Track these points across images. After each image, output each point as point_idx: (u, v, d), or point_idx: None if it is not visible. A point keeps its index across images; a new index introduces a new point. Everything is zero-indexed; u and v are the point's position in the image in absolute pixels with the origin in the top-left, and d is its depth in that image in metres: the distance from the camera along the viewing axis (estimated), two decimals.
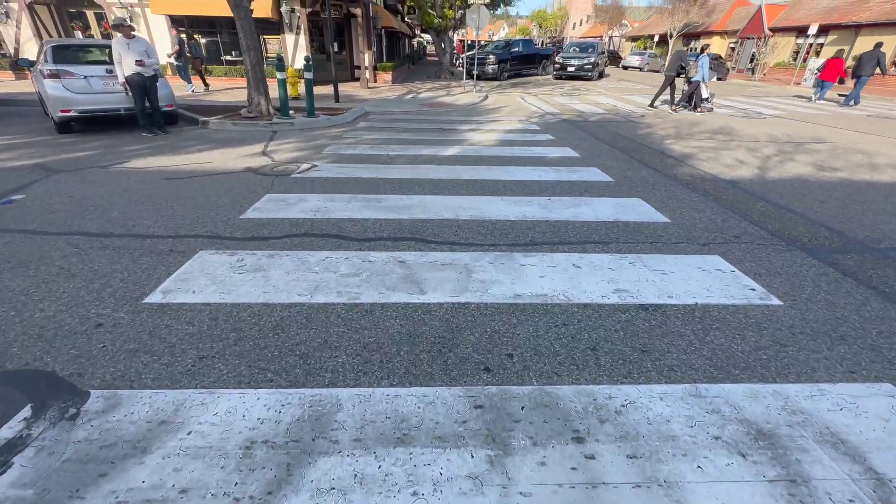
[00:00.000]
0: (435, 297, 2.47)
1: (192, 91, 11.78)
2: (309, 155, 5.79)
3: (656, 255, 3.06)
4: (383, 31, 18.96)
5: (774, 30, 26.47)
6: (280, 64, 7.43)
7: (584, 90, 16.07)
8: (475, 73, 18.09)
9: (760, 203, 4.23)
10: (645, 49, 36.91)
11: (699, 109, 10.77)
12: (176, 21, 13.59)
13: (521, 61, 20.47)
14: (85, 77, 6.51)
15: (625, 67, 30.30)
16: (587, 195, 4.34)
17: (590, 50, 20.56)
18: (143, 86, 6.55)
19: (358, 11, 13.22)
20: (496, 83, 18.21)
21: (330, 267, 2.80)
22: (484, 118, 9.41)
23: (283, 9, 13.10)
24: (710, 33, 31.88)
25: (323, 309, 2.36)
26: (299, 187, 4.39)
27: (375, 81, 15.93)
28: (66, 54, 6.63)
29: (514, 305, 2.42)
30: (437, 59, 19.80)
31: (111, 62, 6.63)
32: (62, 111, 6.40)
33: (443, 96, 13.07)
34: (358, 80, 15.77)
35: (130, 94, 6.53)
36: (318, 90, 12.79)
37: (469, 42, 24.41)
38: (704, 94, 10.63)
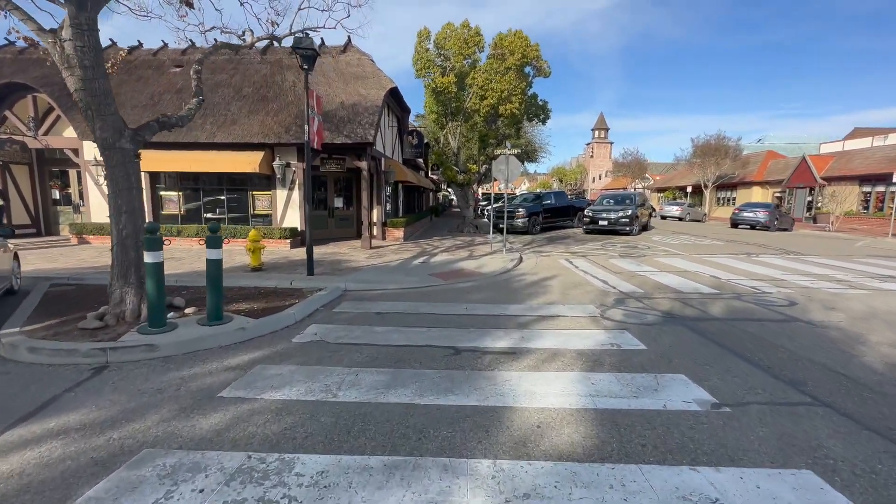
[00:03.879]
0: None
1: None
2: None
3: None
4: (401, 185, 17.20)
5: (829, 179, 24.05)
6: (151, 239, 3.94)
7: (641, 248, 12.56)
8: (503, 226, 15.39)
9: None
10: (675, 199, 35.45)
11: None
12: (153, 177, 11.66)
13: (554, 214, 17.89)
14: None
15: (663, 217, 27.93)
16: None
17: (626, 202, 17.24)
18: None
19: (363, 165, 10.99)
20: (527, 237, 15.21)
21: None
22: (527, 308, 5.47)
23: (277, 164, 11.01)
24: (749, 184, 30.07)
25: None
26: None
27: (384, 239, 13.12)
28: None
29: None
30: (460, 211, 17.56)
31: None
32: None
33: (463, 259, 9.66)
34: (373, 236, 13.01)
35: None
36: (307, 253, 9.58)
37: (494, 194, 22.95)
38: None
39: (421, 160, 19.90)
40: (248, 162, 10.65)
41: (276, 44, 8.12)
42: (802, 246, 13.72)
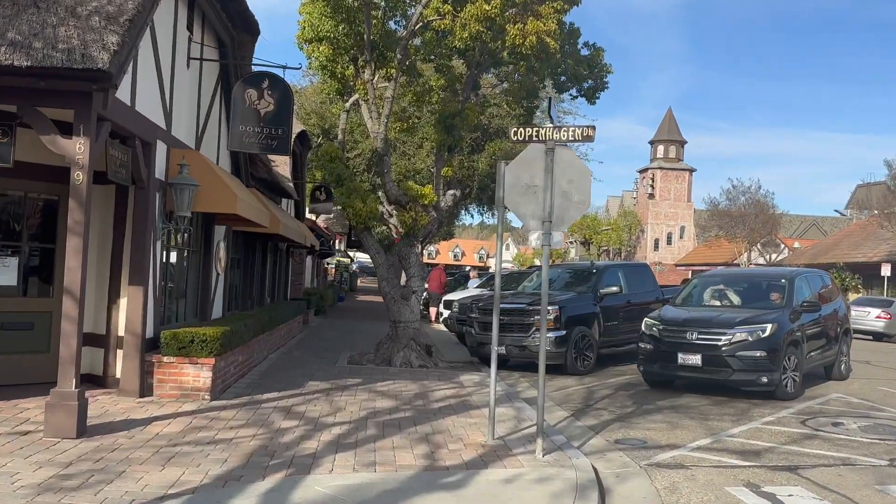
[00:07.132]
0: None
1: None
2: None
3: None
4: (225, 229, 9.49)
5: None
6: None
7: None
8: (503, 349, 9.27)
9: None
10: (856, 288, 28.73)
11: None
12: None
13: (625, 320, 11.37)
14: None
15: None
16: None
17: (771, 292, 9.90)
18: None
19: (78, 151, 4.03)
20: (568, 384, 8.72)
21: None
22: None
23: None
24: None
25: None
26: None
27: (145, 394, 6.49)
28: None
29: None
30: (384, 301, 10.35)
31: None
32: None
33: None
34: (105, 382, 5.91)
35: None
36: None
37: (471, 266, 16.37)
38: None
39: (288, 176, 13.61)
40: None
41: None
42: None
